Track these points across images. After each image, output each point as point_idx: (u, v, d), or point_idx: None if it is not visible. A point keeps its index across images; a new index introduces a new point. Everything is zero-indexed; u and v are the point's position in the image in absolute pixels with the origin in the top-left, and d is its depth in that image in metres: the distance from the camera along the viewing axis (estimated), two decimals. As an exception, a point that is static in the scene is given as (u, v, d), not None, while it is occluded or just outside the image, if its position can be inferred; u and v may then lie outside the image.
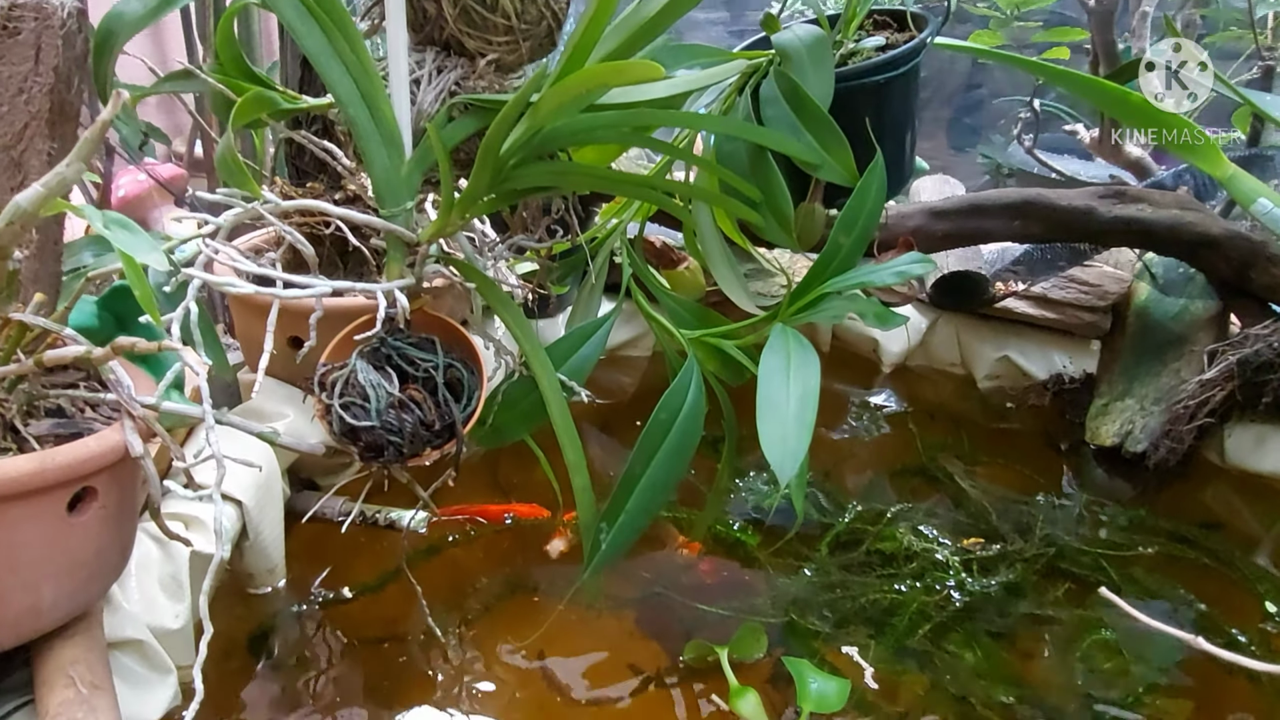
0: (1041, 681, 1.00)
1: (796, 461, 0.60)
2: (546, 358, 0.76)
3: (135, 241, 0.46)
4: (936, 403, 1.68)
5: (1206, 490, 1.36)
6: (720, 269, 0.82)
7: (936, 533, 1.22)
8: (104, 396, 0.70)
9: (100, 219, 0.45)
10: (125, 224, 0.47)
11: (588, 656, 1.03)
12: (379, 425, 0.67)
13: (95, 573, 0.70)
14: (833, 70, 0.76)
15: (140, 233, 0.47)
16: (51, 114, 0.67)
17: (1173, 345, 1.41)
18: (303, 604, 1.08)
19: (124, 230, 0.46)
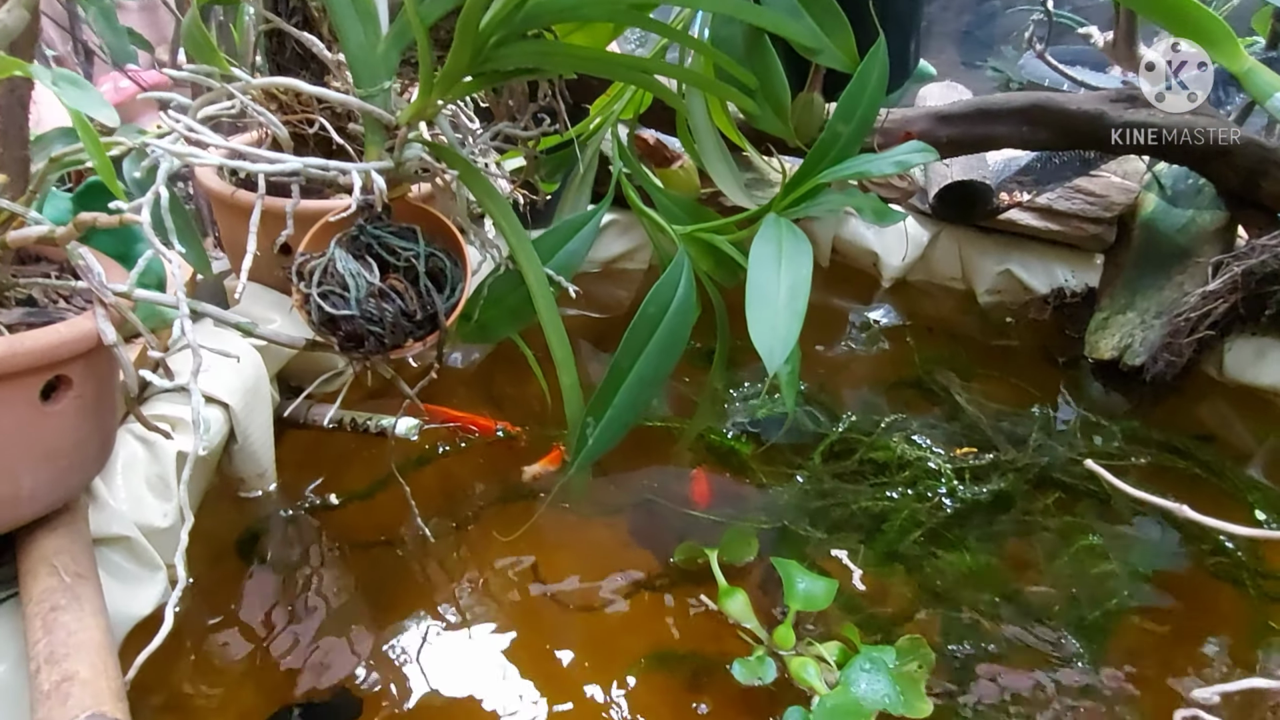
0: (1028, 584, 1.00)
1: (786, 349, 0.58)
2: (533, 251, 0.73)
3: (84, 98, 0.43)
4: (936, 318, 1.66)
5: (1202, 404, 1.35)
6: (714, 162, 0.79)
7: (930, 443, 1.22)
8: (76, 285, 0.68)
9: (48, 76, 0.43)
10: (74, 80, 0.44)
11: (581, 562, 1.04)
12: (359, 314, 0.65)
13: (75, 463, 0.70)
14: (834, -55, 0.72)
15: (90, 89, 0.44)
16: None
17: (1178, 258, 1.39)
18: (292, 509, 1.08)
19: (73, 86, 0.43)
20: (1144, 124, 1.24)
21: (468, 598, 0.98)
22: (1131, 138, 1.25)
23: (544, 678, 0.87)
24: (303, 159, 0.60)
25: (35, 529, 0.71)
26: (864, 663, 0.82)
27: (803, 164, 0.72)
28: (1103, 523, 1.10)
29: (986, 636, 0.93)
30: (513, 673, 0.88)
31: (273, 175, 0.59)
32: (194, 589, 0.97)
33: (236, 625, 0.95)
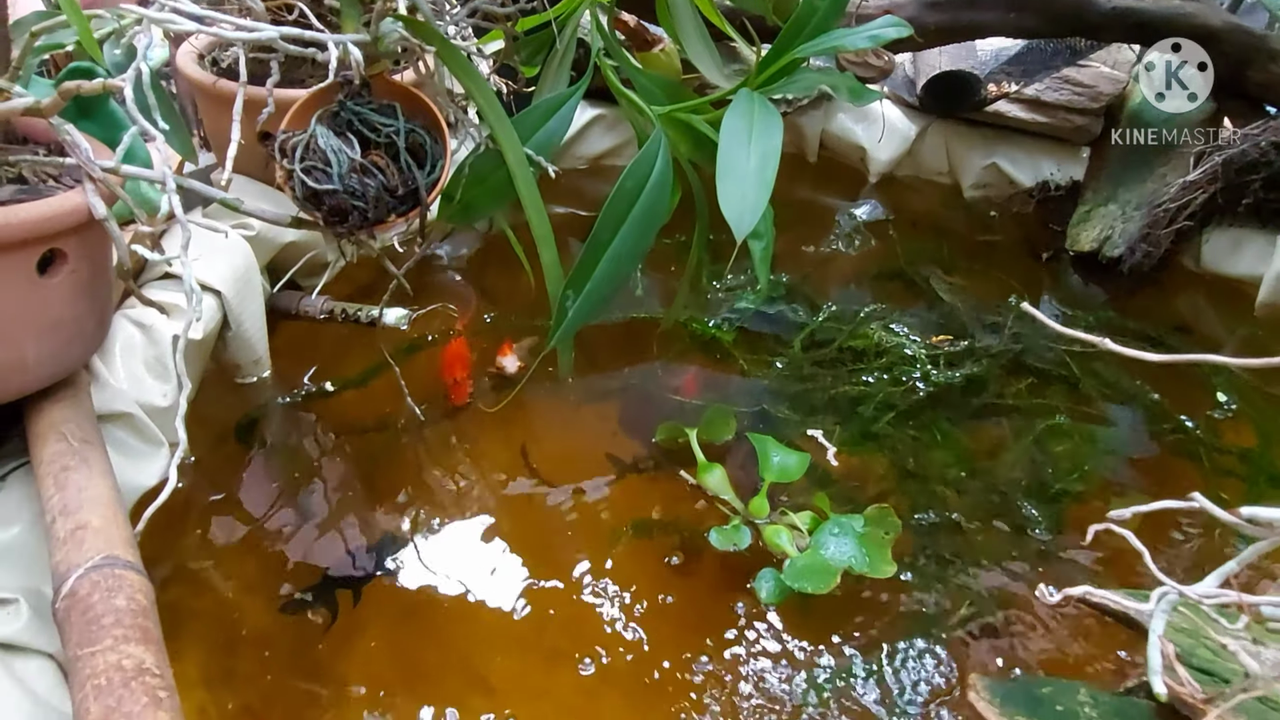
0: (995, 460, 1.05)
1: (755, 216, 0.60)
2: (512, 130, 0.75)
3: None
4: (921, 212, 1.67)
5: (1178, 295, 1.38)
6: (693, 44, 0.79)
7: (907, 331, 1.25)
8: (65, 162, 0.70)
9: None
10: None
11: (570, 446, 1.08)
12: (341, 189, 0.67)
13: (74, 335, 0.72)
14: None
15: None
16: None
17: (1163, 149, 1.39)
18: (288, 396, 1.11)
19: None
20: (1131, 9, 1.23)
21: (461, 480, 1.03)
22: (1119, 23, 1.24)
23: (533, 554, 0.92)
24: (279, 28, 0.61)
25: (41, 401, 0.74)
26: (833, 528, 0.87)
27: (778, 39, 0.72)
28: (1072, 404, 1.14)
29: (952, 507, 0.98)
30: (504, 550, 0.93)
31: (251, 44, 0.60)
32: (196, 469, 1.02)
33: (238, 503, 1.00)
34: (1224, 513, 0.42)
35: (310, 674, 0.81)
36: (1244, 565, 0.45)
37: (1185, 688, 0.47)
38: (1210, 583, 0.47)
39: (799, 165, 1.78)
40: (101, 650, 0.48)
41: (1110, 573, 0.90)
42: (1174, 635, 0.52)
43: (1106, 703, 0.53)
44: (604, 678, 0.81)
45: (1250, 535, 0.42)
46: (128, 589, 0.53)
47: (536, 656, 0.82)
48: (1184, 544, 0.95)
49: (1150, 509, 0.48)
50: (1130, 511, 0.48)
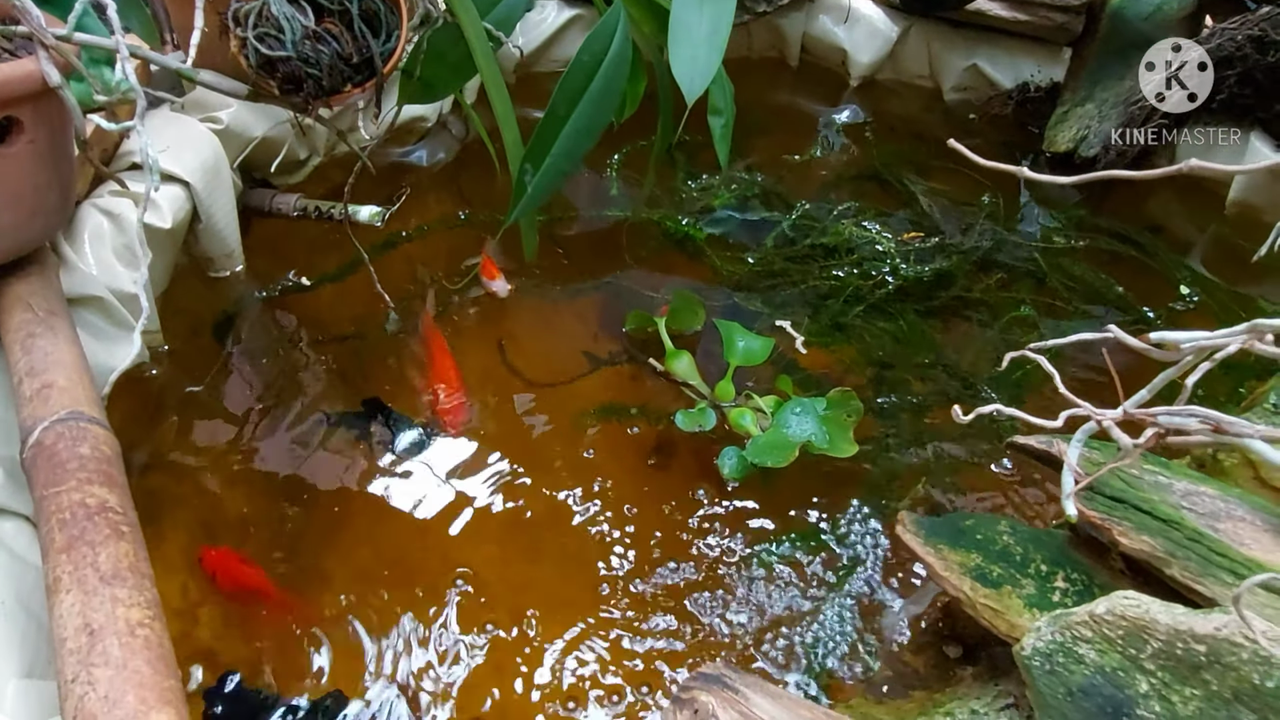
0: (960, 350, 1.07)
1: (706, 79, 0.61)
2: (470, 3, 0.74)
3: None
4: (901, 116, 1.65)
5: (1151, 197, 1.38)
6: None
7: (879, 228, 1.26)
8: (18, 30, 0.69)
9: None
10: None
11: (545, 344, 1.09)
12: (295, 56, 0.66)
13: (36, 209, 0.73)
14: None
15: None
16: None
17: (1142, 47, 1.37)
18: (264, 291, 1.11)
19: None
20: (1115, -103, 1.20)
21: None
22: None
23: (511, 450, 0.95)
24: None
25: (6, 277, 0.75)
26: (795, 407, 0.90)
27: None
28: (1038, 298, 1.15)
29: (913, 391, 1.00)
30: (481, 447, 0.95)
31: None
32: (171, 359, 1.03)
33: (215, 394, 1.02)
34: (1134, 340, 0.44)
35: (292, 560, 0.84)
36: (1154, 391, 0.47)
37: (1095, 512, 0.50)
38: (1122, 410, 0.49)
39: (780, 69, 1.75)
40: (66, 490, 0.50)
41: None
42: (1090, 468, 0.55)
43: (1025, 532, 0.55)
44: (575, 564, 0.84)
45: (1162, 360, 0.43)
46: (92, 439, 0.55)
47: (515, 549, 0.85)
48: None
49: (1066, 341, 0.49)
50: (1047, 345, 0.50)
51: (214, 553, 0.81)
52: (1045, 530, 0.56)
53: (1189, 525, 0.49)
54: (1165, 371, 0.45)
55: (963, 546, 0.55)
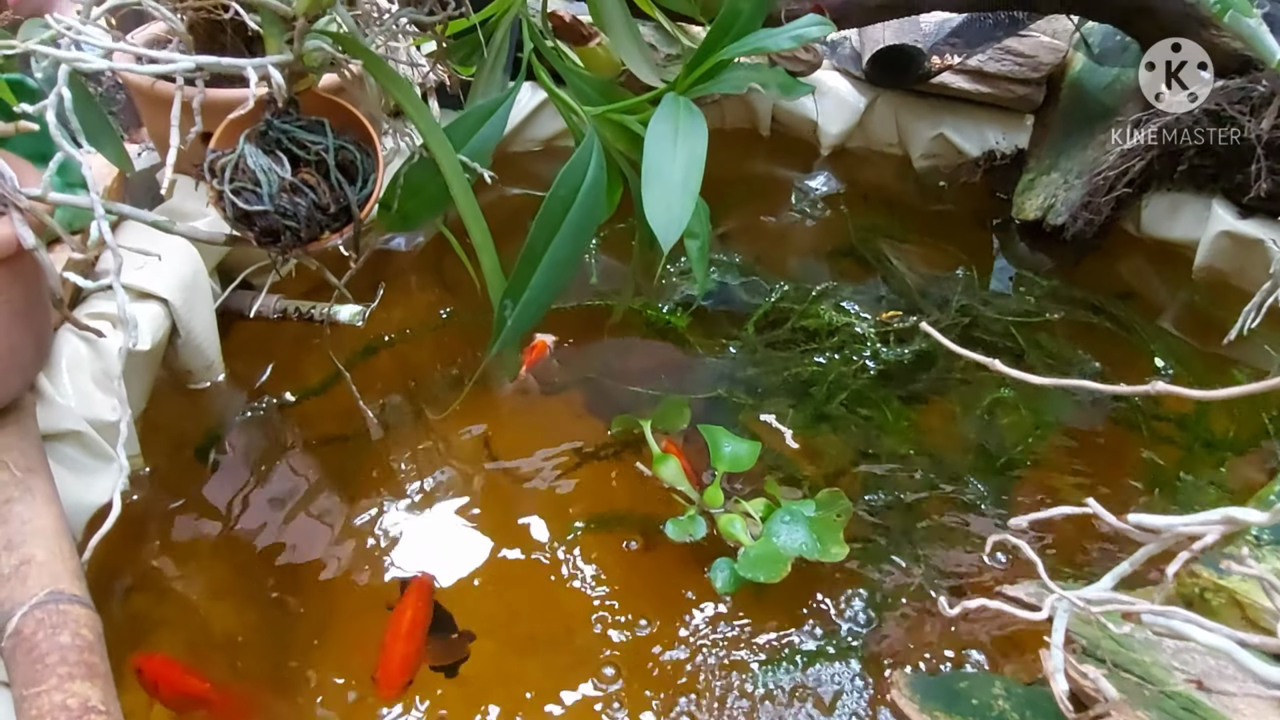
0: (943, 435, 1.08)
1: (680, 227, 0.61)
2: (445, 139, 0.74)
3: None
4: (873, 184, 1.68)
5: (1121, 261, 1.41)
6: (621, 39, 0.79)
7: (858, 308, 1.27)
8: (-12, 191, 0.69)
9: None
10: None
11: (531, 439, 1.09)
12: (273, 209, 0.66)
13: (12, 366, 0.72)
14: None
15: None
16: None
17: (1102, 117, 1.41)
18: (248, 410, 1.11)
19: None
20: (1068, -19, 1.24)
21: (428, 477, 1.04)
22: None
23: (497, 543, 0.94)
24: (195, 57, 0.60)
25: (-17, 430, 0.74)
26: (784, 515, 0.89)
27: (703, 42, 0.72)
28: (1016, 376, 1.16)
29: (903, 486, 1.00)
30: (469, 540, 0.95)
31: (166, 74, 0.59)
32: (154, 478, 1.02)
33: (199, 511, 1.00)
34: (1114, 519, 0.44)
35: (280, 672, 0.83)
36: (1136, 566, 0.47)
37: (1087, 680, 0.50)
38: (1104, 585, 0.49)
39: (753, 139, 1.78)
40: (46, 690, 0.49)
41: (1060, 554, 0.93)
42: (1080, 628, 0.55)
43: (1020, 694, 0.55)
44: (565, 661, 0.83)
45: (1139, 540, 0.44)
46: (73, 624, 0.54)
47: (503, 641, 0.84)
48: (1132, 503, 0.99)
49: (1046, 515, 0.50)
50: (1026, 520, 0.50)
51: (152, 662, 0.80)
52: (1040, 690, 0.56)
53: (1182, 694, 0.49)
54: (1144, 549, 0.45)
55: (958, 712, 0.55)
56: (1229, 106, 1.19)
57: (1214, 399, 0.48)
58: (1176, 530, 0.42)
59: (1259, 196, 1.18)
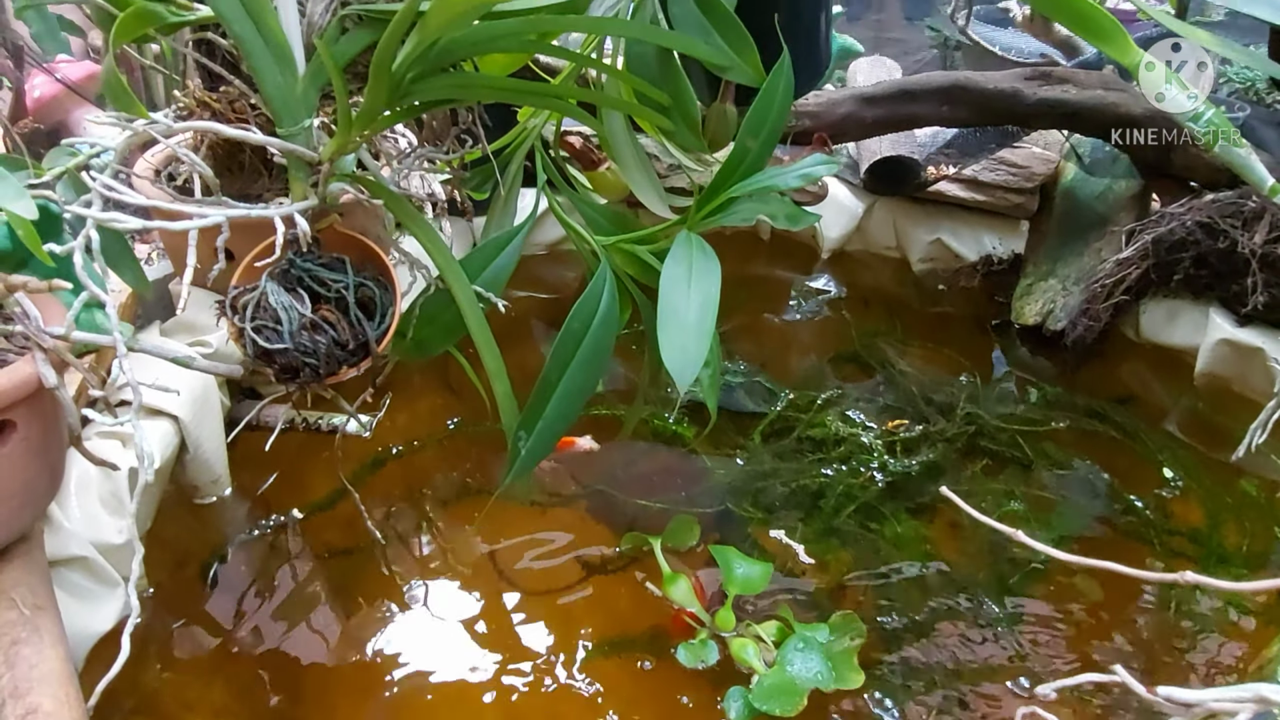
0: (954, 549, 1.07)
1: (696, 368, 0.62)
2: (461, 271, 0.76)
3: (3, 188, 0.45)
4: (873, 287, 1.71)
5: (1122, 366, 1.42)
6: (633, 173, 0.82)
7: (863, 417, 1.28)
8: (13, 329, 0.70)
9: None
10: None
11: (537, 551, 1.08)
12: (293, 347, 0.68)
13: (25, 501, 0.72)
14: (738, -34, 0.74)
15: (7, 179, 0.46)
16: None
17: (1096, 225, 1.45)
18: (254, 529, 1.10)
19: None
20: (1057, 100, 1.29)
21: (433, 590, 1.02)
22: (1047, 113, 1.30)
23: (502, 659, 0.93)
24: (225, 210, 0.62)
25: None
26: (798, 642, 0.88)
27: (714, 179, 0.75)
28: (1026, 487, 1.16)
29: (915, 607, 0.99)
30: (474, 656, 0.93)
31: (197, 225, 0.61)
32: (157, 596, 1.01)
33: (203, 627, 0.99)
34: (1143, 689, 0.44)
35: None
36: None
37: None
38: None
39: (754, 242, 1.82)
40: None
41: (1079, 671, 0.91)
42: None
43: None
44: None
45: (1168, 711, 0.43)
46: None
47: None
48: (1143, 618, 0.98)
49: (1075, 682, 0.49)
50: (1052, 688, 0.50)
51: None
52: None
53: None
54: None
55: None
56: (1221, 220, 1.22)
57: (1247, 590, 0.48)
58: (1208, 705, 0.41)
59: (1256, 308, 1.20)
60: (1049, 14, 0.87)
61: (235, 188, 1.22)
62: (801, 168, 0.73)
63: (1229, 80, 1.76)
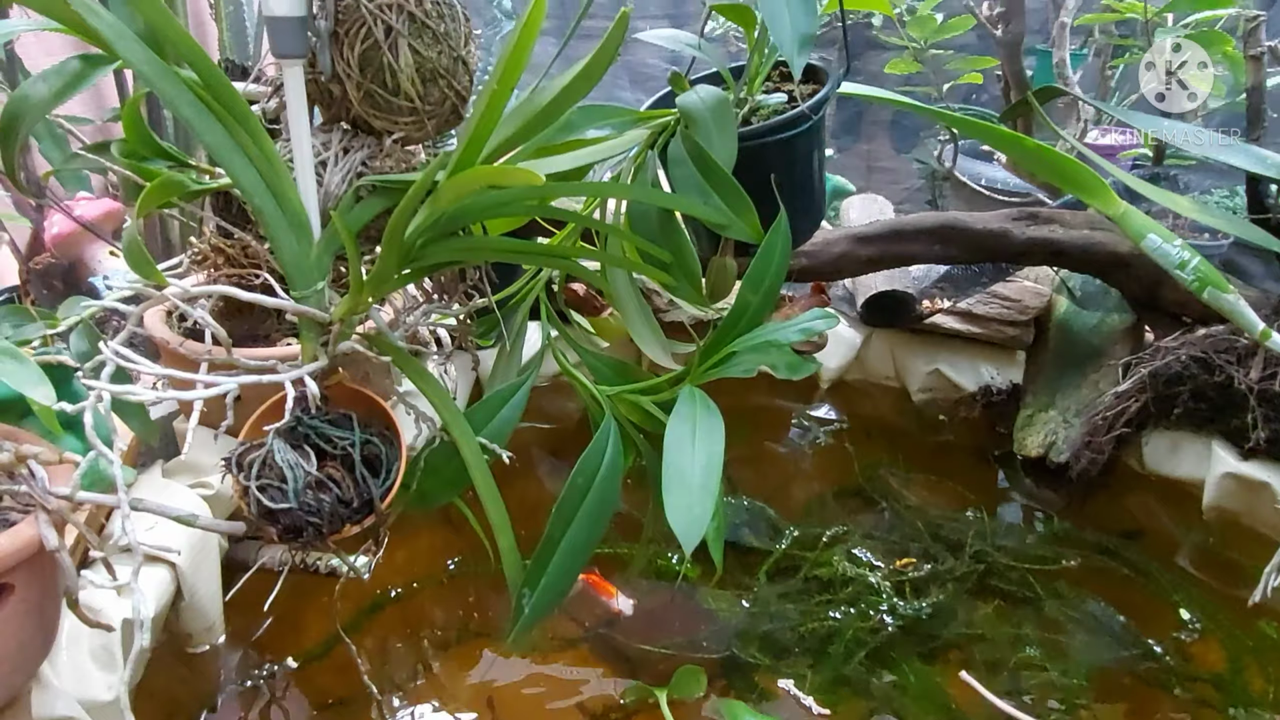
0: (970, 698, 1.03)
1: (701, 529, 0.62)
2: (466, 425, 0.77)
3: (23, 374, 0.46)
4: (874, 417, 1.72)
5: (1128, 497, 1.41)
6: (637, 327, 0.84)
7: (870, 556, 1.26)
8: (17, 488, 0.70)
9: (-12, 348, 0.46)
10: (13, 354, 0.47)
11: (537, 700, 1.05)
12: (297, 507, 0.67)
13: (18, 665, 0.70)
14: (735, 133, 0.78)
15: (28, 364, 0.47)
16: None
17: (1092, 357, 1.46)
18: (246, 680, 1.07)
19: (12, 361, 0.46)
20: (1046, 240, 1.33)
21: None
22: (1036, 252, 1.34)
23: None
24: (238, 378, 0.63)
25: (-24, 732, 0.71)
26: (810, 802, 0.84)
27: (716, 333, 0.77)
28: (1039, 630, 1.13)
29: (931, 761, 0.95)
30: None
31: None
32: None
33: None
34: None
35: None
36: None
37: None
38: None
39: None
40: None
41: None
42: None
43: None
44: None
45: None
46: None
47: None
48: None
49: None
50: None
51: None
52: None
53: None
54: None
55: None
56: (1215, 355, 1.24)
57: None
58: None
59: (1259, 444, 1.20)
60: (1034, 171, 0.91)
61: (244, 328, 1.25)
62: (802, 322, 0.75)
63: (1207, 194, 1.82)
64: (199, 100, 0.62)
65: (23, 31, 0.75)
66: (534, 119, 0.63)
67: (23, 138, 0.76)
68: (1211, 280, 0.91)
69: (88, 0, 0.57)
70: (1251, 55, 1.19)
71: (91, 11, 0.56)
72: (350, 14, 0.69)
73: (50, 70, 0.77)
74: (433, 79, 0.71)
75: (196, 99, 0.62)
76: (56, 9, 0.58)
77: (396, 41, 0.68)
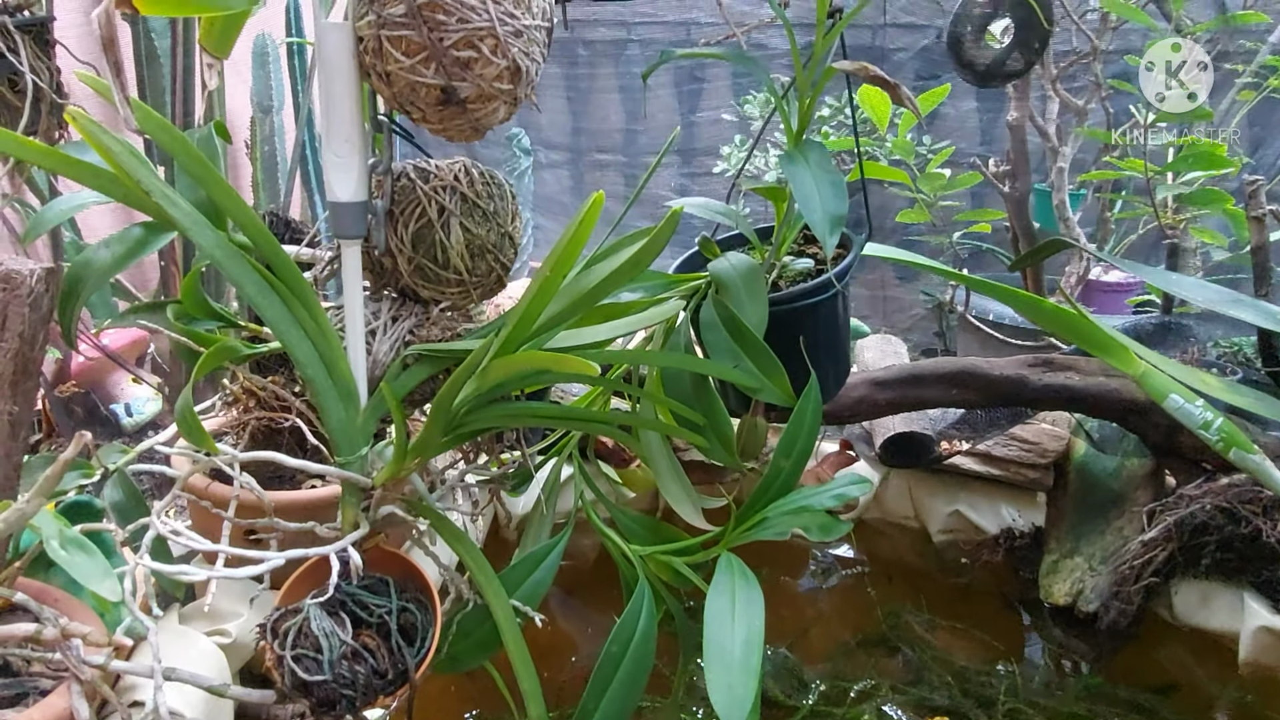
0: None
1: (744, 711, 0.61)
2: (500, 588, 0.77)
3: (90, 568, 0.47)
4: (893, 558, 1.70)
5: (1160, 650, 1.38)
6: (669, 485, 0.85)
7: (901, 714, 1.22)
8: (51, 657, 0.70)
9: (57, 538, 0.47)
10: (82, 545, 0.48)
11: None
12: (332, 679, 0.67)
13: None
14: (766, 299, 0.81)
15: (97, 557, 0.48)
16: (15, 375, 0.69)
17: (1114, 503, 1.46)
18: None
19: (81, 554, 0.47)
20: (1062, 386, 1.35)
21: None
22: (1052, 399, 1.35)
23: None
24: (283, 554, 0.64)
25: None
26: None
27: (750, 498, 0.78)
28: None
29: None
30: None
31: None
32: None
33: None
34: None
35: None
36: None
37: None
38: None
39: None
40: None
41: None
42: None
43: None
44: None
45: None
46: None
47: None
48: None
49: None
50: None
51: None
52: None
53: None
54: None
55: None
56: (1240, 506, 1.24)
57: None
58: None
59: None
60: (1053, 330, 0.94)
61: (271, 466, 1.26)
62: (836, 488, 0.76)
63: (1216, 344, 1.85)
64: (263, 280, 0.65)
65: (91, 205, 0.79)
66: (580, 299, 0.66)
67: (84, 301, 0.79)
68: (1236, 441, 0.93)
69: (167, 192, 0.61)
70: (1253, 217, 1.24)
71: (171, 203, 0.60)
72: (406, 194, 0.73)
73: (114, 237, 0.81)
74: (480, 254, 0.75)
75: (261, 279, 0.65)
76: (136, 199, 0.62)
77: (449, 220, 0.72)
